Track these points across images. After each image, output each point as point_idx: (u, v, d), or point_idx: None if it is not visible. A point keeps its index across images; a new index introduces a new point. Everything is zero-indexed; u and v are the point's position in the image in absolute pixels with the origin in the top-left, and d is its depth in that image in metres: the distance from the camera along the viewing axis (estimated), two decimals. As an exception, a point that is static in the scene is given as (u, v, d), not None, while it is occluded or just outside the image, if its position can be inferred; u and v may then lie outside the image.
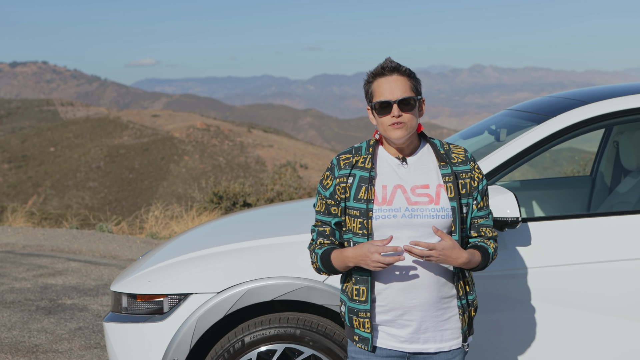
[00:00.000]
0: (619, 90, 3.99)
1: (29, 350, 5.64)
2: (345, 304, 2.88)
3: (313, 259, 2.90)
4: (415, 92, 2.81)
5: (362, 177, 2.82)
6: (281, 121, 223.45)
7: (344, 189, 2.83)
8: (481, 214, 2.89)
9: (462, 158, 2.87)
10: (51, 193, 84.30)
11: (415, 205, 2.77)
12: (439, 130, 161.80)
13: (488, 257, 2.87)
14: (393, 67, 2.79)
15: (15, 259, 9.33)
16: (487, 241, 2.89)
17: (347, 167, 2.85)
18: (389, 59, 2.82)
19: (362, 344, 2.83)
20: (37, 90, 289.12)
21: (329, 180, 2.88)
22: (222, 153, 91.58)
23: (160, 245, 4.42)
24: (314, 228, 2.93)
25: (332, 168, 2.88)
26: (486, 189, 2.91)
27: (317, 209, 2.92)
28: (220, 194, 15.30)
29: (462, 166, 2.86)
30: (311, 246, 2.93)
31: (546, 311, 3.54)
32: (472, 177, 2.86)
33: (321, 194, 2.90)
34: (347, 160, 2.87)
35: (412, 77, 2.81)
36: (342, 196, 2.83)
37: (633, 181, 4.41)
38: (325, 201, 2.88)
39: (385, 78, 2.79)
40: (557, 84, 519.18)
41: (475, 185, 2.86)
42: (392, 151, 2.87)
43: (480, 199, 2.88)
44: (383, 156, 2.87)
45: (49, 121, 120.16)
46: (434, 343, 2.83)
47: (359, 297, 2.81)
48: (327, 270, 2.87)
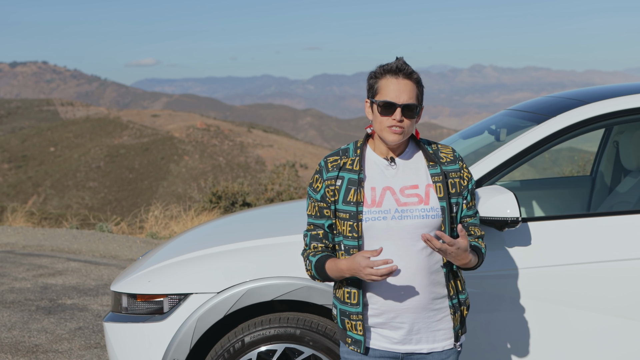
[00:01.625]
0: (619, 90, 3.98)
1: (29, 350, 5.64)
2: (337, 307, 2.87)
3: (307, 267, 2.88)
4: (418, 100, 2.81)
5: (350, 179, 2.81)
6: (281, 121, 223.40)
7: (333, 191, 2.82)
8: (470, 213, 2.91)
9: (450, 157, 2.88)
10: (51, 193, 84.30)
11: (405, 206, 2.77)
12: (438, 130, 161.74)
13: (482, 256, 2.89)
14: (408, 73, 2.77)
15: (15, 259, 9.33)
16: (478, 240, 2.91)
17: (335, 169, 2.84)
18: (402, 60, 2.79)
19: (354, 347, 2.83)
20: (37, 90, 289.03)
21: (318, 183, 2.86)
22: (222, 153, 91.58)
23: (160, 245, 4.41)
24: (307, 233, 2.91)
25: (321, 170, 2.87)
26: (474, 189, 2.93)
27: (309, 212, 2.91)
28: (219, 194, 15.30)
29: (451, 165, 2.86)
30: (305, 252, 2.91)
31: (546, 311, 3.54)
32: (462, 176, 2.87)
33: (312, 197, 2.89)
34: (335, 163, 2.85)
35: (419, 85, 2.81)
36: (332, 199, 2.83)
37: (633, 181, 4.41)
38: (317, 204, 2.87)
39: (396, 79, 2.77)
40: (557, 83, 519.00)
41: (465, 184, 2.87)
42: (380, 152, 2.86)
43: (470, 198, 2.89)
44: (371, 157, 2.87)
45: (49, 121, 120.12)
46: (426, 343, 2.83)
47: (350, 299, 2.81)
48: (322, 278, 2.86)
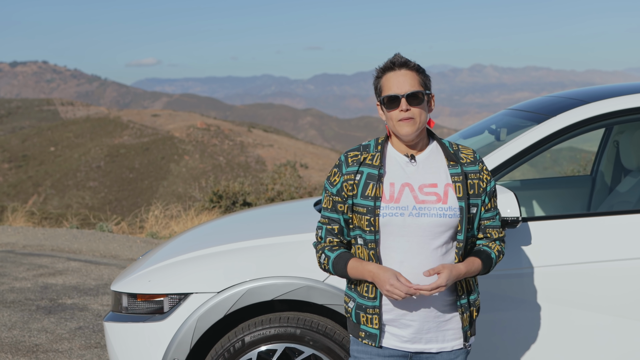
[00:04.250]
0: (619, 89, 3.98)
1: (29, 350, 5.64)
2: (355, 300, 2.87)
3: (323, 260, 2.88)
4: (424, 87, 2.81)
5: (369, 174, 2.81)
6: (281, 121, 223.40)
7: (352, 186, 2.82)
8: (488, 215, 2.89)
9: (470, 159, 2.87)
10: (51, 193, 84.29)
11: (423, 204, 2.77)
12: (439, 130, 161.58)
13: (491, 262, 2.87)
14: (402, 62, 2.80)
15: (15, 258, 9.33)
16: (491, 244, 2.89)
17: (355, 164, 2.85)
18: (398, 55, 2.83)
19: (369, 340, 2.82)
20: (37, 90, 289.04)
21: (336, 177, 2.87)
22: (222, 153, 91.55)
23: (160, 245, 4.41)
24: (321, 225, 2.91)
25: (340, 165, 2.87)
26: (494, 190, 2.91)
27: (324, 205, 2.91)
28: (219, 194, 15.31)
29: (471, 167, 2.85)
30: (318, 244, 2.91)
31: (547, 311, 3.54)
32: (481, 178, 2.86)
33: (328, 190, 2.89)
34: (355, 158, 2.86)
35: (420, 72, 2.82)
36: (350, 193, 2.83)
37: (633, 181, 4.41)
38: (332, 198, 2.87)
39: (394, 72, 2.80)
40: (557, 83, 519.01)
41: (484, 186, 2.86)
42: (400, 149, 2.86)
43: (488, 200, 2.88)
44: (392, 154, 2.87)
45: (49, 121, 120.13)
46: (436, 343, 2.83)
47: (368, 293, 2.81)
48: (337, 274, 2.86)
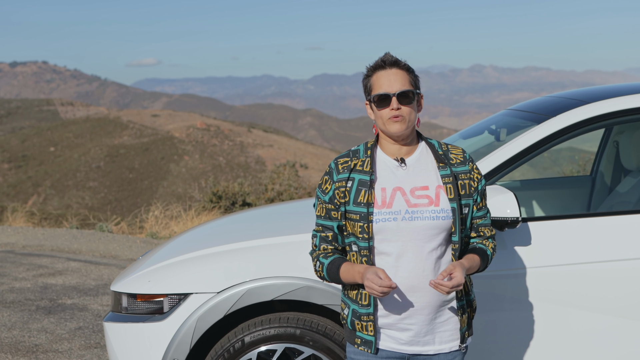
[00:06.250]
0: (619, 90, 3.98)
1: (29, 350, 5.64)
2: (349, 307, 2.86)
3: (318, 268, 2.88)
4: (414, 87, 2.82)
5: (361, 180, 2.80)
6: (281, 121, 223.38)
7: (343, 193, 2.82)
8: (480, 214, 2.90)
9: (460, 159, 2.87)
10: (51, 193, 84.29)
11: (415, 207, 2.76)
12: (439, 130, 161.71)
13: (487, 259, 2.88)
14: (393, 61, 2.81)
15: (15, 258, 9.33)
16: (485, 241, 2.90)
17: (346, 171, 2.84)
18: (388, 54, 2.83)
19: (365, 347, 2.82)
20: (37, 90, 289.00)
21: (327, 185, 2.86)
22: (222, 153, 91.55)
23: (160, 245, 4.41)
24: (316, 233, 2.91)
25: (331, 172, 2.87)
26: (485, 189, 2.91)
27: (318, 213, 2.91)
28: (219, 194, 15.30)
29: (461, 167, 2.85)
30: (314, 252, 2.91)
31: (546, 311, 3.54)
32: (472, 177, 2.86)
33: (321, 198, 2.89)
34: (346, 164, 2.85)
35: (410, 72, 2.83)
36: (342, 200, 2.82)
37: (633, 181, 4.41)
38: (325, 205, 2.87)
39: (384, 71, 2.80)
40: (557, 83, 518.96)
41: (475, 186, 2.86)
42: (390, 152, 2.86)
43: (480, 199, 2.88)
44: (381, 158, 2.86)
45: (49, 121, 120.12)
46: (433, 345, 2.83)
47: (362, 300, 2.81)
48: (331, 280, 2.86)
